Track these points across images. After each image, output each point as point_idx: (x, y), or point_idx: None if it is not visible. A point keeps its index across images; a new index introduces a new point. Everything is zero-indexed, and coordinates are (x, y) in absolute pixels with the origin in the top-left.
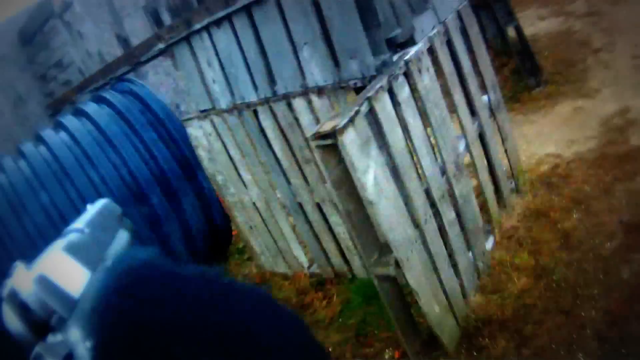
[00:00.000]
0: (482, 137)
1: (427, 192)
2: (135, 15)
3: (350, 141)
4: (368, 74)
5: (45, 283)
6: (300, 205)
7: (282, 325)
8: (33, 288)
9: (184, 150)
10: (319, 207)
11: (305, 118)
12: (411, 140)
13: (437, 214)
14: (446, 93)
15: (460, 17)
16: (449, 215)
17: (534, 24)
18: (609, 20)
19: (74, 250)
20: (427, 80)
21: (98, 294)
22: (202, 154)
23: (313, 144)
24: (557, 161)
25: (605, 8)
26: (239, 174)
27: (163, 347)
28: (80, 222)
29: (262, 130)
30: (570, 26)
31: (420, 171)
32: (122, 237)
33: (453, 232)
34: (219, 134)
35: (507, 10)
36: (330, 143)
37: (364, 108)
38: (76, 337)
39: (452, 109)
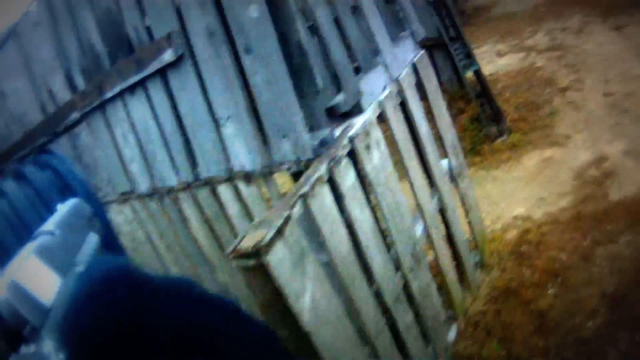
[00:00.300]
0: (442, 212)
1: (379, 295)
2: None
3: (278, 260)
4: (304, 157)
5: (17, 290)
6: None
7: (257, 334)
8: (5, 295)
9: (106, 236)
10: None
11: (232, 208)
12: (358, 238)
13: (391, 319)
14: (398, 162)
15: (416, 70)
16: (405, 318)
17: (492, 62)
18: (574, 54)
19: (45, 254)
20: (377, 159)
21: (70, 302)
22: (124, 242)
23: (232, 263)
24: (526, 225)
25: (569, 41)
26: (165, 268)
27: (138, 356)
28: (51, 224)
29: (185, 220)
30: (532, 62)
31: (370, 272)
32: (92, 241)
33: (410, 336)
34: (140, 221)
35: (465, 52)
36: (253, 264)
37: (297, 210)
38: (49, 348)
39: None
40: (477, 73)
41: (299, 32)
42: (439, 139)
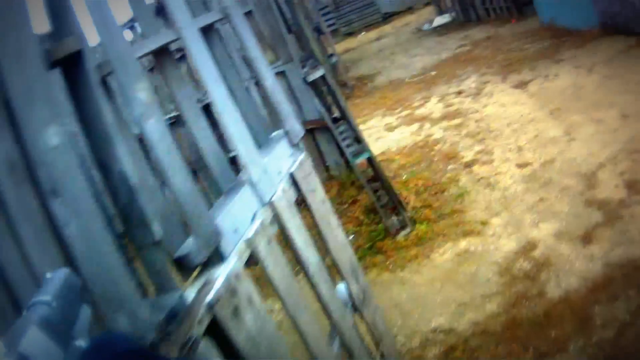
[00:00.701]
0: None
1: None
2: None
3: None
4: (147, 337)
5: None
6: None
7: None
8: None
9: None
10: None
11: None
12: None
13: None
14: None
15: (295, 182)
16: None
17: (382, 137)
18: (476, 121)
19: (46, 326)
20: (252, 323)
21: None
22: None
23: None
24: (450, 340)
25: (467, 105)
26: None
27: None
28: (47, 295)
29: None
30: (428, 135)
31: None
32: (86, 313)
33: None
34: None
35: (352, 135)
36: None
37: None
38: None
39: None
40: (370, 159)
41: (120, 160)
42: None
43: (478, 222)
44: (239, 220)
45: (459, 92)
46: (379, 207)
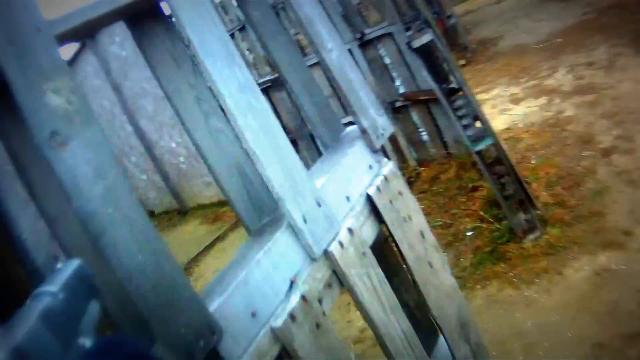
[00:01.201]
0: None
1: None
2: None
3: None
4: None
5: (20, 357)
6: None
7: None
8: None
9: None
10: None
11: None
12: None
13: None
14: None
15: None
16: None
17: (507, 110)
18: (612, 99)
19: (49, 319)
20: None
21: None
22: None
23: None
24: None
25: (600, 79)
26: None
27: None
28: (54, 285)
29: None
30: (558, 111)
31: None
32: (94, 309)
33: None
34: None
35: (472, 114)
36: None
37: None
38: None
39: None
40: (495, 143)
41: None
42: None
43: (620, 230)
44: (263, 293)
45: (590, 64)
46: (503, 199)
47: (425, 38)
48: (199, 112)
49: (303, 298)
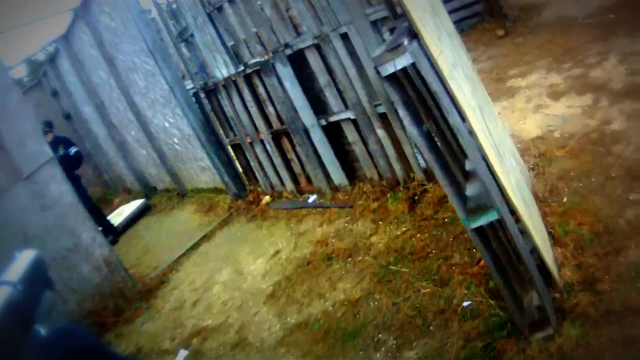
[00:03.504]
0: None
1: None
2: None
3: None
4: None
5: None
6: None
7: None
8: None
9: None
10: None
11: None
12: None
13: None
14: None
15: None
16: None
17: (544, 107)
18: None
19: (10, 308)
20: None
21: None
22: None
23: None
24: None
25: None
26: None
27: None
28: (13, 276)
29: None
30: (604, 121)
31: None
32: (48, 298)
33: None
34: None
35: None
36: None
37: None
38: None
39: None
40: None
41: None
42: None
43: None
44: None
45: None
46: (502, 284)
47: (403, 61)
48: None
49: None
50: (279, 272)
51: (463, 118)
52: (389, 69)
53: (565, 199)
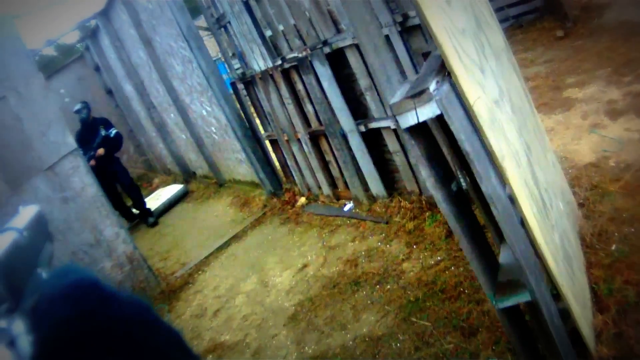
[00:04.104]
0: None
1: None
2: None
3: None
4: None
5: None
6: None
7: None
8: None
9: None
10: None
11: None
12: None
13: None
14: None
15: None
16: None
17: (599, 126)
18: None
19: (17, 249)
20: None
21: (47, 296)
22: None
23: None
24: None
25: None
26: None
27: (95, 355)
28: (20, 223)
29: None
30: None
31: None
32: (48, 249)
33: None
34: None
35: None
36: None
37: None
38: (20, 328)
39: None
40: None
41: None
42: None
43: None
44: None
45: None
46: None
47: (427, 111)
48: None
49: None
50: (303, 291)
51: (502, 180)
52: (409, 120)
53: (614, 247)
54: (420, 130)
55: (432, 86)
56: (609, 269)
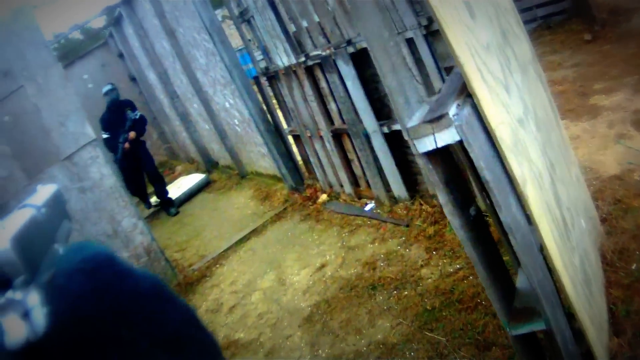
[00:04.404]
0: None
1: None
2: None
3: None
4: None
5: (18, 244)
6: None
7: (201, 330)
8: (7, 246)
9: None
10: None
11: None
12: None
13: None
14: None
15: None
16: None
17: (625, 138)
18: None
19: (35, 225)
20: None
21: (63, 270)
22: None
23: None
24: None
25: None
26: None
27: (111, 331)
28: (38, 201)
29: None
30: None
31: None
32: (66, 227)
33: None
34: None
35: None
36: None
37: None
38: (34, 301)
39: None
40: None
41: None
42: None
43: None
44: None
45: None
46: None
47: (446, 137)
48: None
49: None
50: (320, 292)
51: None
52: (427, 145)
53: (634, 266)
54: (438, 154)
55: (452, 110)
56: (628, 289)
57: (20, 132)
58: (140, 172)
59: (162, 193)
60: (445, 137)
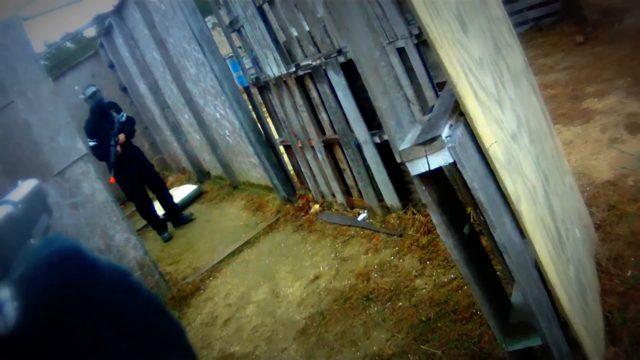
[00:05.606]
0: None
1: None
2: None
3: None
4: None
5: None
6: None
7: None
8: None
9: None
10: None
11: None
12: None
13: None
14: None
15: None
16: None
17: (618, 142)
18: None
19: (10, 221)
20: None
21: (31, 264)
22: None
23: None
24: None
25: None
26: None
27: (76, 321)
28: (16, 197)
29: None
30: None
31: None
32: (44, 221)
33: None
34: None
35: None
36: None
37: None
38: (6, 295)
39: None
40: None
41: None
42: None
43: None
44: None
45: None
46: None
47: (439, 159)
48: None
49: None
50: (314, 304)
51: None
52: (420, 167)
53: (629, 273)
54: (431, 175)
55: (445, 132)
56: (623, 296)
57: (12, 148)
58: (138, 179)
59: (167, 199)
60: (438, 159)
